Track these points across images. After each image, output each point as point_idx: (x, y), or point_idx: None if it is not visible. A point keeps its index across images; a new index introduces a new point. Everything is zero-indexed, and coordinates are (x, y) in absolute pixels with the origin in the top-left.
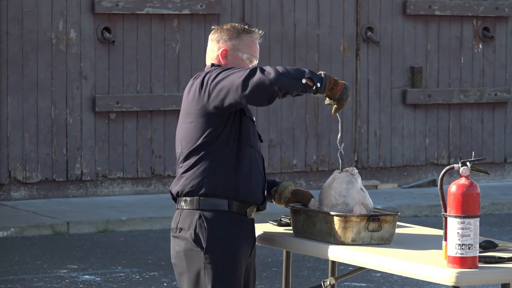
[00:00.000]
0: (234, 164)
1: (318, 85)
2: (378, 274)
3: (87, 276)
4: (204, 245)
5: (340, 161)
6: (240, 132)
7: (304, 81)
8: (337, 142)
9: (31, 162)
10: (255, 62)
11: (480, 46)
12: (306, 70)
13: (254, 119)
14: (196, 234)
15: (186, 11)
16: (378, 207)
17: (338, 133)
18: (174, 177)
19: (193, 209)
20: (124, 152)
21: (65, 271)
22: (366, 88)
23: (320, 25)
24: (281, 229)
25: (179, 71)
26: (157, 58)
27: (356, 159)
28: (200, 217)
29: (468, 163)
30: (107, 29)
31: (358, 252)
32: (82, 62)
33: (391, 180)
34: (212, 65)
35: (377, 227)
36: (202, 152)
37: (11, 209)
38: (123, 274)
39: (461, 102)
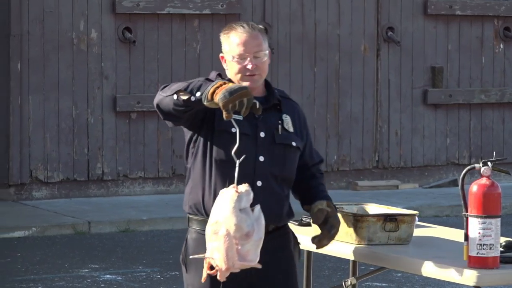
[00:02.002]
0: (207, 181)
1: (193, 98)
2: (399, 274)
3: (108, 276)
4: (185, 266)
5: (236, 175)
6: (212, 147)
7: (175, 96)
8: (232, 153)
9: (52, 162)
10: (247, 58)
11: (501, 46)
12: (191, 83)
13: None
14: (182, 254)
15: (206, 11)
16: (398, 207)
17: (236, 144)
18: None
19: (188, 226)
20: (145, 152)
21: (86, 270)
22: (387, 88)
23: (341, 25)
24: (302, 229)
25: (200, 71)
26: (178, 58)
27: (377, 159)
28: (187, 236)
29: (489, 163)
30: (128, 29)
31: (378, 252)
32: (103, 62)
33: (412, 180)
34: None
35: (394, 228)
36: (189, 168)
37: (32, 209)
38: (144, 274)
39: (482, 102)
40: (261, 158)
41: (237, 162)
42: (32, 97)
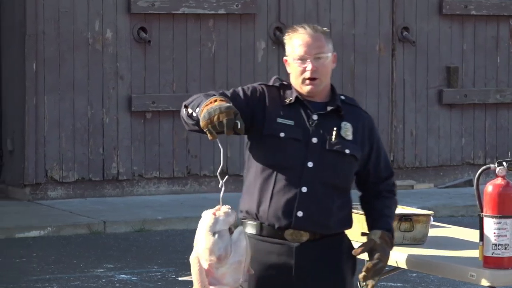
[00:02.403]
0: (256, 185)
1: (194, 114)
2: (414, 274)
3: (123, 276)
4: None
5: (221, 195)
6: (260, 151)
7: (184, 110)
8: (218, 173)
9: (67, 162)
10: (308, 60)
11: None
12: (207, 98)
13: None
14: None
15: (221, 11)
16: (413, 207)
17: (220, 163)
18: (209, 176)
19: None
20: (160, 151)
21: (101, 270)
22: (402, 88)
23: (356, 25)
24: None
25: (215, 71)
26: (193, 58)
27: (392, 159)
28: None
29: (504, 163)
30: (143, 29)
31: (393, 252)
32: (118, 62)
33: (427, 180)
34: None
35: (409, 228)
36: (244, 172)
37: (47, 208)
38: (159, 274)
39: (497, 102)
40: (310, 164)
41: (221, 182)
42: (47, 97)
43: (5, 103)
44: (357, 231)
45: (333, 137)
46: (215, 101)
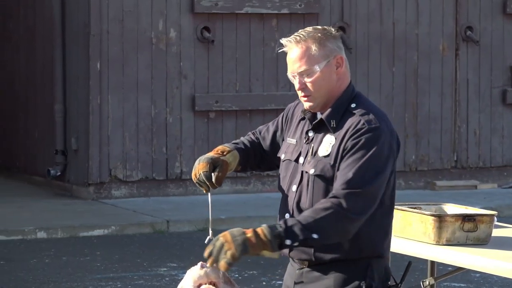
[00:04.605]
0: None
1: None
2: (477, 275)
3: None
4: None
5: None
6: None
7: None
8: (210, 228)
9: (131, 161)
10: (295, 78)
11: None
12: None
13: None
14: None
15: (285, 11)
16: (477, 207)
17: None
18: (272, 176)
19: None
20: None
21: (165, 269)
22: (466, 88)
23: (419, 25)
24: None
25: (278, 70)
26: (256, 57)
27: (455, 159)
28: None
29: None
30: (206, 28)
31: (456, 252)
32: (181, 62)
33: (490, 180)
34: None
35: (473, 228)
36: None
37: (111, 207)
38: None
39: None
40: (293, 188)
41: (207, 238)
42: (111, 97)
43: (69, 103)
44: (419, 231)
45: (309, 155)
46: (213, 152)
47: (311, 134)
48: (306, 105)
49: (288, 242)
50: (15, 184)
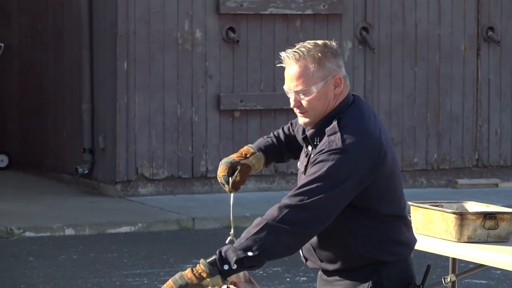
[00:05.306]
0: None
1: None
2: (498, 272)
3: None
4: None
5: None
6: None
7: None
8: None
9: (157, 159)
10: (290, 94)
11: None
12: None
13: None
14: None
15: (309, 11)
16: (498, 205)
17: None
18: (296, 174)
19: None
20: None
21: (190, 265)
22: (487, 88)
23: (441, 25)
24: None
25: None
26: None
27: (477, 157)
28: None
29: None
30: (231, 29)
31: (477, 250)
32: (207, 62)
33: (511, 179)
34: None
35: (494, 225)
36: None
37: (138, 205)
38: None
39: None
40: None
41: (228, 239)
42: (138, 96)
43: (97, 102)
44: (441, 228)
45: (303, 169)
46: (237, 153)
47: (310, 148)
48: (301, 120)
49: (226, 267)
50: (44, 182)
